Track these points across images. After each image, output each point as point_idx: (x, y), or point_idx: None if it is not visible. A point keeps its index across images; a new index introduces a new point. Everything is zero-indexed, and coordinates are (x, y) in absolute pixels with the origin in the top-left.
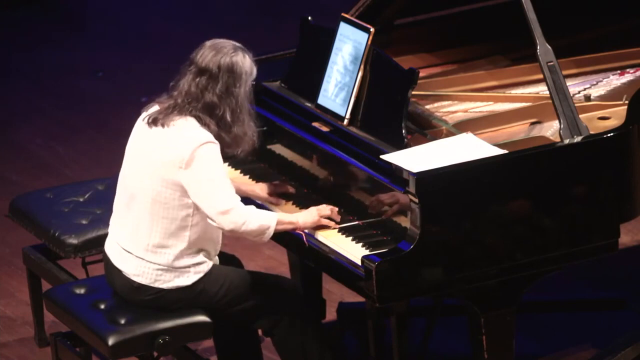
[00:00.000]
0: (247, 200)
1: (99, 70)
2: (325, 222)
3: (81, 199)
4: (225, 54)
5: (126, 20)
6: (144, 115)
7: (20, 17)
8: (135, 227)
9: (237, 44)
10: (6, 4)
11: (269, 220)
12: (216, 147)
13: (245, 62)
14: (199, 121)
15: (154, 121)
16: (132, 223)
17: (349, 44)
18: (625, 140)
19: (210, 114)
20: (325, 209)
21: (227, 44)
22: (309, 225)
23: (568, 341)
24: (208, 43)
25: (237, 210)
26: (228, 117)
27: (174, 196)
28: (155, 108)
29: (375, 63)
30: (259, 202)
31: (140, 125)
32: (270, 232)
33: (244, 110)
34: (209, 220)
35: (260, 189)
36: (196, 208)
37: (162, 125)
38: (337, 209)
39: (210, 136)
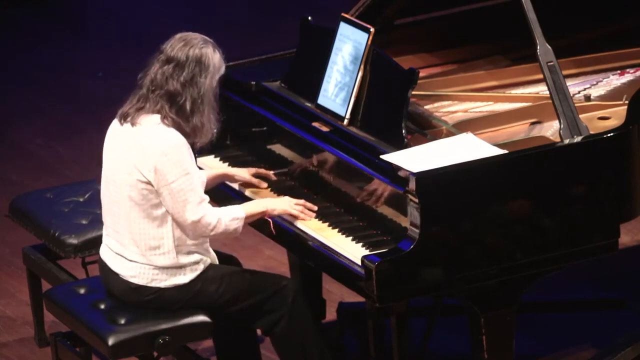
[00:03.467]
0: (225, 191)
1: (99, 70)
2: (296, 213)
3: (81, 199)
4: (195, 46)
5: (126, 20)
6: (119, 112)
7: (20, 17)
8: (122, 234)
9: (208, 39)
10: (6, 4)
11: (238, 219)
12: (181, 148)
13: (215, 57)
14: (162, 116)
15: (124, 117)
16: (119, 230)
17: (349, 44)
18: (625, 140)
19: (171, 103)
20: (299, 202)
21: (198, 36)
22: (277, 212)
23: (568, 341)
24: (178, 35)
25: (206, 218)
26: (188, 106)
27: (148, 197)
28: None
29: (375, 63)
30: (238, 189)
31: (113, 124)
32: (240, 229)
33: (206, 102)
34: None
35: (242, 173)
36: None
37: (131, 124)
38: (314, 206)
39: (173, 136)
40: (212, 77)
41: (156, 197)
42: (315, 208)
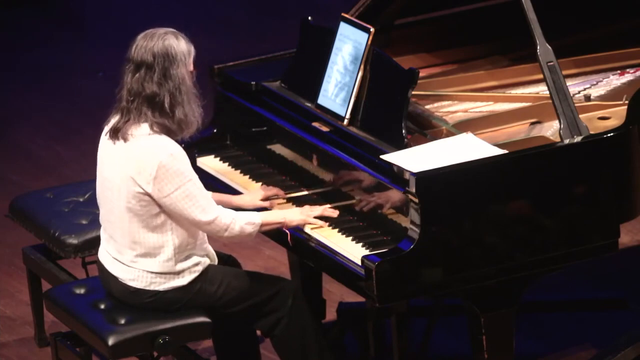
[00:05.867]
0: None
1: (99, 70)
2: (315, 221)
3: (81, 199)
4: (157, 40)
5: (126, 20)
6: (106, 130)
7: (20, 17)
8: (120, 240)
9: (169, 29)
10: (6, 4)
11: (253, 224)
12: (178, 156)
13: (180, 44)
14: (149, 125)
15: (114, 133)
16: (116, 238)
17: (349, 44)
18: (625, 140)
19: (152, 106)
20: (318, 209)
21: (158, 30)
22: (296, 223)
23: (568, 341)
24: (139, 36)
25: (219, 218)
26: (167, 103)
27: (148, 207)
28: (113, 119)
29: (375, 63)
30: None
31: (104, 140)
32: (254, 234)
33: (184, 91)
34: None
35: (250, 200)
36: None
37: (124, 139)
38: (329, 207)
39: (168, 146)
40: (184, 64)
41: (155, 208)
42: (336, 214)
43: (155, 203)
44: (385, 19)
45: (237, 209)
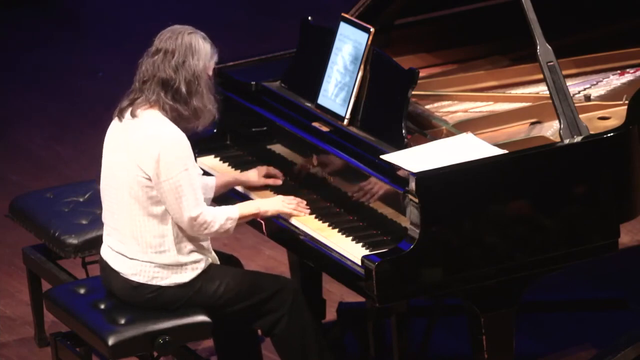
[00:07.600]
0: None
1: (99, 70)
2: (289, 211)
3: (81, 199)
4: (183, 34)
5: (126, 20)
6: (115, 111)
7: (20, 17)
8: (123, 232)
9: (197, 30)
10: (6, 4)
11: (232, 219)
12: (181, 143)
13: (206, 45)
14: (160, 109)
15: (121, 112)
16: (119, 228)
17: (349, 44)
18: (625, 140)
19: (165, 89)
20: (292, 200)
21: (186, 27)
22: (270, 213)
23: (568, 341)
24: (165, 29)
25: (202, 216)
26: (183, 89)
27: (150, 193)
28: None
29: (375, 63)
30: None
31: (111, 130)
32: (232, 230)
33: (202, 83)
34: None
35: (252, 177)
36: None
37: (132, 116)
38: (304, 201)
39: (173, 131)
40: (205, 61)
41: (154, 195)
42: (308, 210)
43: (152, 187)
44: (385, 19)
45: (239, 194)
